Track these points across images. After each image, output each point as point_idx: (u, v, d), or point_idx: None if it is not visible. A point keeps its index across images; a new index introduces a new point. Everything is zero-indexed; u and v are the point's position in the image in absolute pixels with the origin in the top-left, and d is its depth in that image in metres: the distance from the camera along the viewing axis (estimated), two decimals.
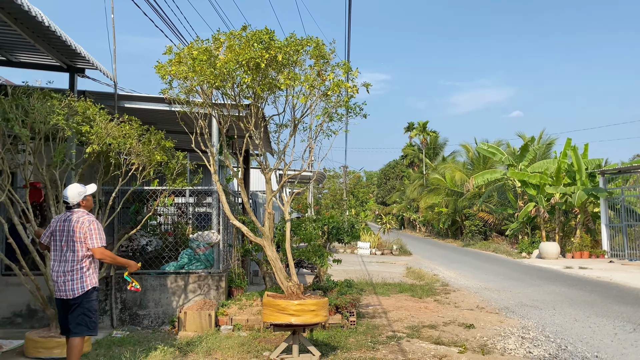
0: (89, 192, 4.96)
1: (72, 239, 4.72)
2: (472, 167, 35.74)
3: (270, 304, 5.27)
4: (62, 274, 4.71)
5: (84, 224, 4.73)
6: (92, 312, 4.78)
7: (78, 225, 4.73)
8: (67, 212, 4.86)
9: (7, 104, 5.20)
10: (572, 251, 21.16)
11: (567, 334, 7.27)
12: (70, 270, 4.70)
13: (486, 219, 31.20)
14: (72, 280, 4.70)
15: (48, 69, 7.68)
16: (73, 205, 4.83)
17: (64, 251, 4.75)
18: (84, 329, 4.73)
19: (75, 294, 4.69)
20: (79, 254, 4.72)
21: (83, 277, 4.73)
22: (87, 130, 5.76)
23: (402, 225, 59.64)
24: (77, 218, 4.76)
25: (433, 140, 56.96)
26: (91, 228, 4.74)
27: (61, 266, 4.74)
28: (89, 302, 4.76)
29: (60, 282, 4.72)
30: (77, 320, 4.71)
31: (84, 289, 4.72)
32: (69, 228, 4.74)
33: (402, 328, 7.39)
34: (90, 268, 4.80)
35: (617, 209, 21.11)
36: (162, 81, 5.64)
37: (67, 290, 4.69)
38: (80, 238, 4.72)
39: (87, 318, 4.74)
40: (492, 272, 16.25)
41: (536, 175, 22.80)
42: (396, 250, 24.22)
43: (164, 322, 7.47)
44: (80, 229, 4.72)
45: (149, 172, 6.63)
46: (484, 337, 6.95)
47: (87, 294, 4.74)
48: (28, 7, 5.30)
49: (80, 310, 4.72)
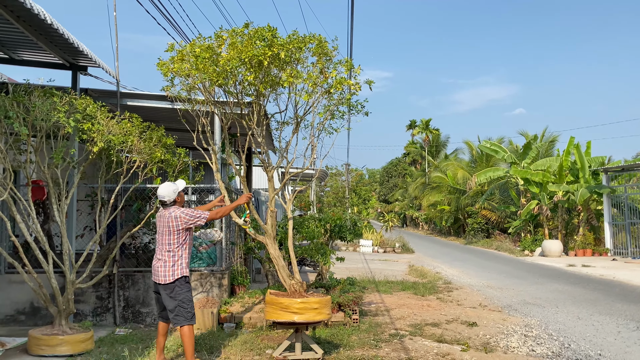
0: (181, 187, 5.29)
1: (170, 231, 5.08)
2: (474, 164, 35.68)
3: (273, 302, 5.27)
4: (159, 261, 5.12)
5: (179, 217, 5.06)
6: (186, 302, 5.08)
7: (172, 219, 5.06)
8: (163, 209, 5.20)
9: (8, 102, 5.19)
10: (574, 249, 21.12)
11: (570, 332, 7.25)
12: (167, 258, 5.08)
13: (489, 217, 31.15)
14: (164, 267, 5.07)
15: (50, 66, 7.68)
16: (170, 203, 5.17)
17: (163, 240, 5.12)
18: (181, 320, 5.02)
19: (167, 280, 5.03)
20: (173, 245, 5.08)
21: (175, 266, 5.06)
22: (89, 128, 5.75)
23: (405, 223, 59.63)
24: (170, 213, 5.09)
25: (435, 138, 56.91)
26: (187, 214, 5.09)
27: (159, 253, 5.14)
28: (182, 292, 5.06)
29: (156, 266, 5.14)
30: (175, 312, 5.04)
31: (175, 277, 5.04)
32: (164, 222, 5.10)
33: (405, 326, 7.38)
34: (182, 258, 5.12)
35: (621, 207, 21.05)
36: (164, 79, 5.63)
37: (159, 275, 5.09)
38: (177, 230, 5.07)
39: (183, 309, 5.03)
40: (494, 270, 16.23)
41: (539, 173, 22.75)
42: (398, 248, 24.21)
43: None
44: (177, 222, 5.06)
45: (151, 169, 6.62)
46: (486, 335, 6.94)
47: (178, 282, 5.05)
48: (30, 4, 5.30)
49: (175, 302, 5.03)
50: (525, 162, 25.07)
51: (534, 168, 23.99)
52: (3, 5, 5.51)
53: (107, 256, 7.62)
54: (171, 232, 5.08)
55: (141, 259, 8.54)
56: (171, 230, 5.08)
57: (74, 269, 6.05)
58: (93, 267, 6.44)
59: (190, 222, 5.11)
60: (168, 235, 5.10)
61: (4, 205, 6.52)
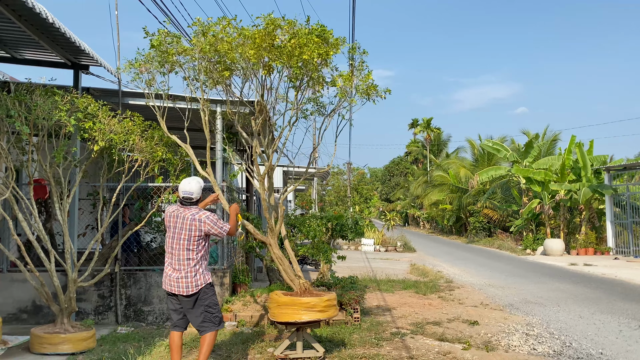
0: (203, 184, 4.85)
1: (190, 234, 4.58)
2: (476, 163, 35.63)
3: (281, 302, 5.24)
4: (176, 270, 4.59)
5: (203, 221, 4.57)
6: (213, 307, 4.66)
7: (196, 223, 4.57)
8: (182, 207, 4.66)
9: (10, 101, 5.21)
10: (576, 248, 21.09)
11: (572, 330, 7.25)
12: (186, 266, 4.57)
13: (490, 216, 31.11)
14: (185, 278, 4.56)
15: (52, 65, 7.69)
16: (193, 201, 4.66)
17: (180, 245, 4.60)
18: (210, 325, 4.63)
19: (190, 291, 4.55)
20: (194, 252, 4.60)
21: (197, 274, 4.60)
22: (90, 127, 5.77)
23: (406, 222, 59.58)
24: (193, 215, 4.58)
25: (437, 137, 56.86)
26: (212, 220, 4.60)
27: (176, 263, 4.61)
28: (208, 297, 4.64)
29: (173, 277, 4.58)
30: (201, 319, 4.60)
31: (199, 286, 4.59)
32: (184, 224, 4.59)
33: (406, 325, 7.38)
34: (203, 264, 4.67)
35: (623, 206, 21.01)
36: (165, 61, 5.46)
37: (179, 287, 4.55)
38: (199, 234, 4.58)
39: (210, 314, 4.64)
40: (496, 268, 16.22)
41: (541, 172, 22.71)
42: (400, 247, 24.19)
43: (169, 319, 7.49)
44: (201, 226, 4.57)
45: (152, 168, 6.63)
46: (488, 334, 6.93)
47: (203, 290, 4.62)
48: (32, 3, 5.30)
49: (201, 309, 4.60)
50: (527, 160, 25.02)
51: (535, 167, 23.95)
52: (5, 4, 5.52)
53: (109, 255, 7.64)
54: (191, 237, 4.57)
55: (143, 258, 8.56)
56: (192, 235, 4.57)
57: (76, 267, 6.07)
58: (95, 265, 6.46)
59: (214, 229, 4.61)
60: (188, 241, 4.56)
61: (6, 204, 6.54)
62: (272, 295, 5.40)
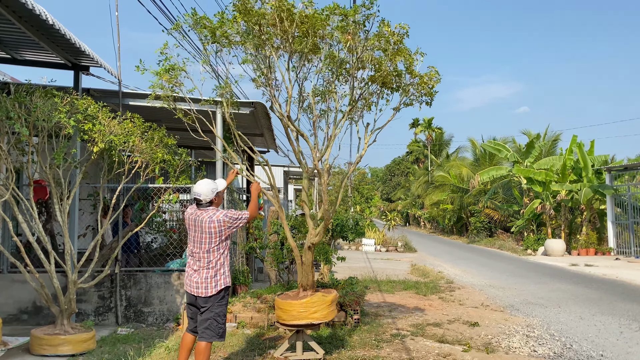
0: (221, 187, 4.76)
1: (210, 237, 4.54)
2: (477, 163, 35.60)
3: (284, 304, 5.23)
4: (197, 272, 4.56)
5: (221, 221, 4.53)
6: (221, 317, 4.59)
7: (215, 224, 4.53)
8: (198, 209, 4.63)
9: (9, 103, 5.20)
10: (577, 248, 21.07)
11: (572, 332, 7.24)
12: (207, 268, 4.55)
13: (492, 216, 31.09)
14: (206, 278, 4.53)
15: (52, 66, 7.68)
16: (205, 203, 4.62)
17: (200, 248, 4.58)
18: (211, 334, 4.54)
19: (209, 293, 4.52)
20: (214, 253, 4.57)
21: (218, 276, 4.56)
22: (89, 128, 5.76)
23: (407, 222, 59.54)
24: (210, 217, 4.54)
25: (438, 137, 56.81)
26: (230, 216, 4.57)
27: (197, 264, 4.58)
28: (220, 305, 4.58)
29: (194, 279, 4.57)
30: (206, 325, 4.53)
31: (218, 288, 4.56)
32: (202, 227, 4.55)
33: (407, 326, 7.37)
34: (224, 266, 4.63)
35: (624, 206, 20.98)
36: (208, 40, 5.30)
37: (199, 288, 4.53)
38: (220, 236, 4.55)
39: (216, 323, 4.56)
40: (497, 269, 16.21)
41: (542, 172, 22.69)
42: (401, 247, 24.18)
43: (169, 319, 7.49)
44: (220, 226, 4.53)
45: (152, 169, 6.63)
46: (488, 336, 6.92)
47: (221, 294, 4.59)
48: (32, 5, 5.30)
49: (210, 315, 4.54)
50: (528, 161, 25.00)
51: (537, 167, 23.92)
52: (5, 5, 5.51)
53: (109, 255, 7.64)
54: (212, 238, 4.53)
55: (143, 258, 8.56)
56: (212, 237, 4.52)
57: (76, 269, 6.06)
58: (95, 266, 6.45)
59: (234, 225, 4.60)
60: (208, 243, 4.54)
61: (6, 206, 6.54)
62: (276, 299, 5.39)
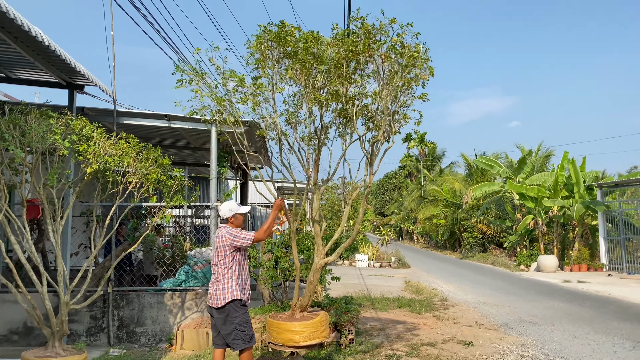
0: (240, 211, 5.28)
1: (217, 252, 5.09)
2: (470, 178, 35.78)
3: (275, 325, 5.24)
4: (212, 284, 5.10)
5: (224, 237, 5.06)
6: (243, 325, 4.98)
7: (219, 239, 5.09)
8: (219, 226, 5.35)
9: (4, 124, 5.19)
10: (570, 264, 21.14)
11: (567, 351, 7.24)
12: (217, 281, 5.05)
13: (484, 231, 31.18)
14: (216, 290, 5.02)
15: (47, 85, 7.70)
16: (223, 219, 5.25)
17: (213, 262, 5.15)
18: (240, 343, 4.94)
19: (219, 304, 4.96)
20: (221, 267, 5.05)
21: (225, 289, 5.00)
22: (84, 149, 5.75)
23: (400, 237, 59.55)
24: (218, 233, 5.13)
25: (431, 151, 57.06)
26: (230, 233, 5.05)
27: (213, 276, 5.14)
28: (237, 316, 4.97)
29: (210, 290, 5.09)
30: (232, 336, 4.95)
31: (226, 300, 4.96)
32: (215, 242, 5.17)
33: (401, 346, 7.35)
34: (232, 280, 5.03)
35: (615, 222, 21.12)
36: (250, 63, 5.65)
37: (212, 299, 5.04)
38: (224, 251, 5.05)
39: (241, 332, 4.95)
40: (490, 285, 16.21)
41: (534, 188, 22.84)
42: (394, 263, 24.15)
43: (162, 340, 7.42)
44: (223, 242, 5.05)
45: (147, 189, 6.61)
46: (482, 355, 6.91)
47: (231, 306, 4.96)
48: (28, 27, 5.33)
49: (232, 327, 4.94)
50: (520, 176, 25.17)
51: (529, 183, 24.08)
52: (1, 27, 5.54)
53: (102, 275, 7.58)
54: (219, 253, 5.08)
55: (136, 278, 8.49)
56: (219, 251, 5.08)
57: (69, 290, 6.00)
58: (87, 285, 6.39)
59: (234, 242, 5.03)
60: (217, 257, 5.10)
61: None
62: (268, 319, 5.40)
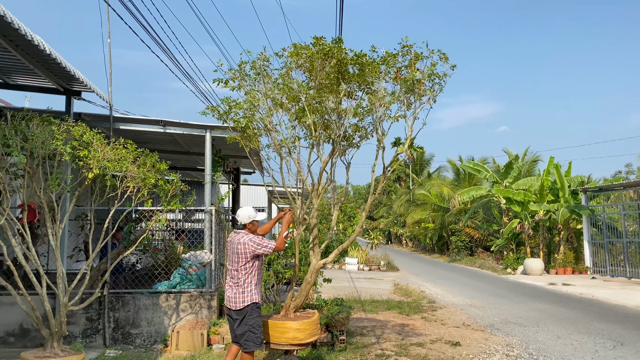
0: (258, 218, 5.47)
1: (238, 257, 5.25)
2: (458, 183, 36.16)
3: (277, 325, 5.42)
4: (231, 287, 5.30)
5: (247, 244, 5.21)
6: (255, 328, 5.21)
7: (241, 246, 5.23)
8: (235, 231, 5.43)
9: (8, 131, 5.33)
10: (556, 267, 21.52)
11: (550, 351, 7.50)
12: (236, 285, 5.24)
13: (472, 235, 31.55)
14: (236, 293, 5.23)
15: (45, 91, 7.82)
16: (241, 225, 5.39)
17: (232, 267, 5.30)
18: (251, 345, 5.18)
19: (238, 307, 5.19)
20: (242, 272, 5.23)
21: (245, 292, 5.21)
22: (85, 155, 5.90)
23: (389, 240, 59.89)
24: (239, 239, 5.27)
25: (420, 156, 57.41)
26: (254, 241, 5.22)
27: (231, 281, 5.32)
28: (252, 318, 5.19)
29: (229, 294, 5.29)
30: (245, 337, 5.19)
31: (245, 303, 5.19)
32: (234, 248, 5.29)
33: (391, 346, 7.56)
34: (252, 284, 5.25)
35: (599, 226, 21.56)
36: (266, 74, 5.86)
37: (230, 302, 5.25)
38: (246, 257, 5.22)
39: (253, 334, 5.18)
40: (477, 288, 16.50)
41: (520, 193, 23.22)
42: (384, 266, 24.39)
43: (157, 341, 7.57)
44: (245, 249, 5.21)
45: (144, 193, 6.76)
46: (469, 355, 7.14)
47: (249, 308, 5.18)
48: (31, 36, 5.48)
49: (245, 328, 5.18)
50: (507, 181, 25.56)
51: (515, 187, 24.46)
52: (2, 35, 5.68)
53: (98, 277, 7.70)
54: (240, 258, 5.23)
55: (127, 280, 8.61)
56: (240, 257, 5.23)
57: (67, 292, 6.14)
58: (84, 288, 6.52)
59: (258, 250, 5.23)
60: (237, 263, 5.25)
61: None
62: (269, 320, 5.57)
